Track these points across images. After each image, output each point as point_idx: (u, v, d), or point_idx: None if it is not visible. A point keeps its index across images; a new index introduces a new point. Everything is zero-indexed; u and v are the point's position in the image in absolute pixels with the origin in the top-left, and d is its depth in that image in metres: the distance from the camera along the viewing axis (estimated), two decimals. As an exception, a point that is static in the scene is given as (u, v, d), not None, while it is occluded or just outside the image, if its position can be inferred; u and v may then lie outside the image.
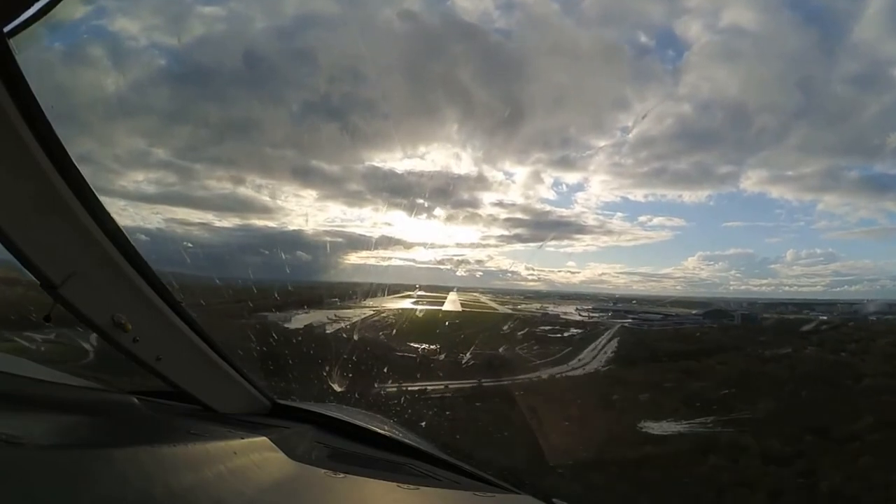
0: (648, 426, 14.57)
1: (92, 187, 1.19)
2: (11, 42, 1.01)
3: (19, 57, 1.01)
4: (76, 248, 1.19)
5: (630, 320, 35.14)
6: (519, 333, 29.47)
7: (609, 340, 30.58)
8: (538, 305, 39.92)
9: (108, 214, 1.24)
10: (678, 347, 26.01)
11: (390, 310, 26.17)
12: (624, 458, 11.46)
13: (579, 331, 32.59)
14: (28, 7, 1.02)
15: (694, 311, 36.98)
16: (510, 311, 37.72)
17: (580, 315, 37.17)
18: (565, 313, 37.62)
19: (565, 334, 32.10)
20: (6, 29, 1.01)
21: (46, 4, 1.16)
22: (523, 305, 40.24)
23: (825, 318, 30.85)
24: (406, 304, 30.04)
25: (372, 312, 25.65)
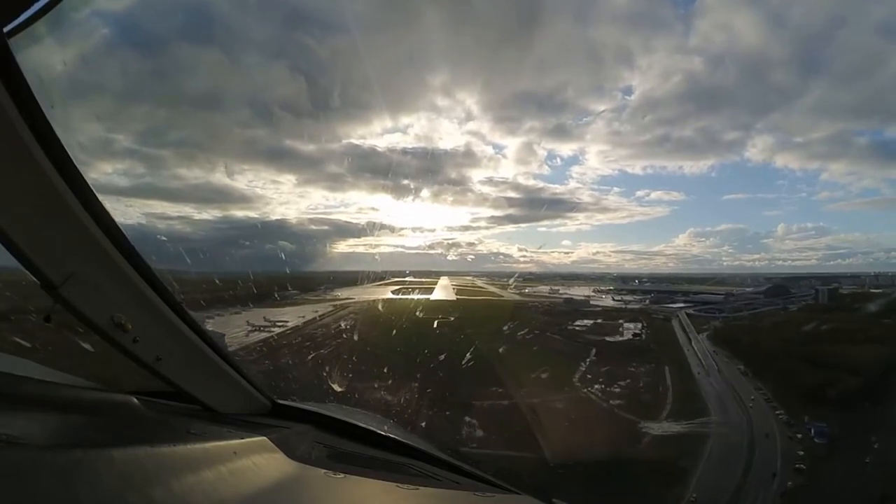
0: None
1: (92, 187, 1.19)
2: (11, 42, 1.02)
3: (19, 57, 1.01)
4: (76, 248, 1.19)
5: (683, 305, 27.44)
6: (553, 335, 19.45)
7: (716, 347, 19.32)
8: (547, 288, 34.31)
9: (108, 214, 1.24)
10: (872, 353, 14.54)
11: (364, 308, 18.78)
12: None
13: (636, 326, 22.53)
14: (28, 7, 1.03)
15: (749, 289, 30.33)
16: (519, 298, 31.21)
17: (613, 300, 30.41)
18: (590, 298, 30.90)
19: (625, 335, 21.37)
20: (6, 29, 1.01)
21: (46, 4, 1.16)
22: (529, 289, 34.43)
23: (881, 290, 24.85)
24: (388, 294, 22.94)
25: (332, 308, 19.60)
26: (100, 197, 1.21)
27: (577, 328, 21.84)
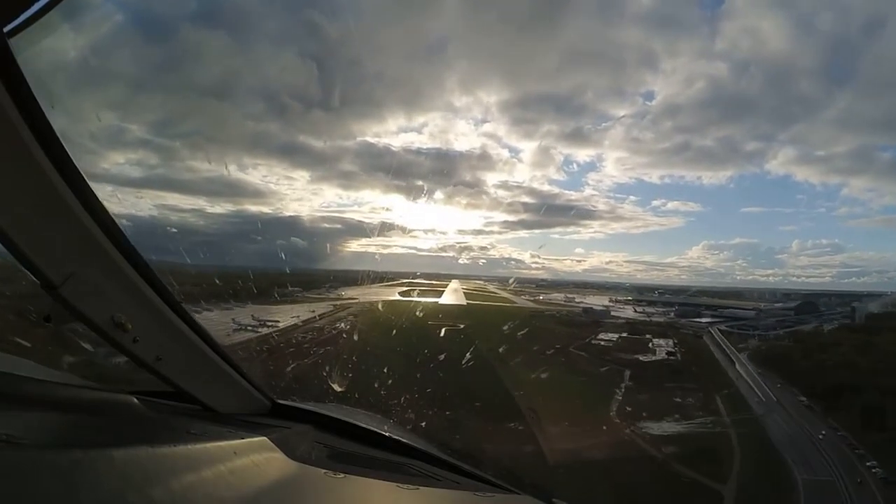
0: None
1: (92, 187, 1.19)
2: (11, 42, 1.01)
3: (19, 57, 1.01)
4: (76, 248, 1.19)
5: (711, 320, 25.76)
6: (577, 352, 17.28)
7: (762, 370, 15.73)
8: (561, 296, 33.25)
9: (108, 214, 1.24)
10: None
11: (366, 308, 18.74)
12: None
13: (667, 343, 20.07)
14: (28, 7, 1.03)
15: (778, 305, 28.83)
16: (533, 305, 30.22)
17: (634, 311, 29.24)
18: (609, 308, 29.71)
19: (658, 353, 18.59)
20: (6, 29, 1.01)
21: (46, 4, 1.16)
22: (543, 296, 33.46)
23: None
24: (395, 295, 22.51)
25: (332, 308, 19.33)
26: (101, 194, 1.21)
27: (602, 343, 19.75)
